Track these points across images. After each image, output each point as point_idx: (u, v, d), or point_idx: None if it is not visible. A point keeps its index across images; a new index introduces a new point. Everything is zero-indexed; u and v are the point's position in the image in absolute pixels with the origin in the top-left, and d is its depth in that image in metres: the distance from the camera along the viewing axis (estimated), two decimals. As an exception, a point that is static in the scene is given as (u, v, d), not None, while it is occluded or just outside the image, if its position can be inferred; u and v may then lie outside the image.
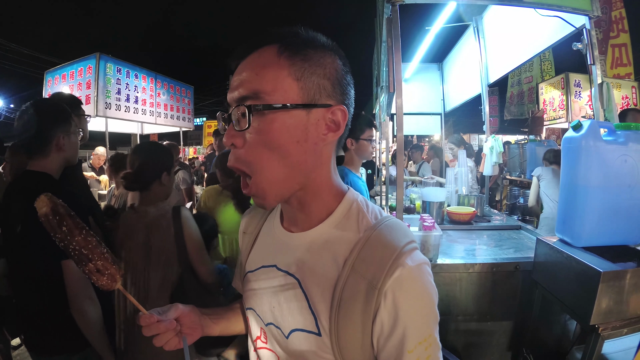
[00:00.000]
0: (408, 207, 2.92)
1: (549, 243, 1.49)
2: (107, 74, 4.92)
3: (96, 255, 0.63)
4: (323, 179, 0.59)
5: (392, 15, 1.72)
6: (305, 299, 0.57)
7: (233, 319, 0.79)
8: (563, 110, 5.63)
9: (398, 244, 0.54)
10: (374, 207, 0.62)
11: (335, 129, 0.55)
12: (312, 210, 0.59)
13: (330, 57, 0.55)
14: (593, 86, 1.74)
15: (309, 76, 0.53)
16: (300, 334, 0.57)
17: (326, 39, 0.57)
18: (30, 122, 1.24)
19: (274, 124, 0.51)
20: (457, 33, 3.82)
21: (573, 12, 1.74)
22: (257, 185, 0.54)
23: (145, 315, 0.63)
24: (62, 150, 1.30)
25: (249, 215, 0.76)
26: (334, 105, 0.55)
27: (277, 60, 0.52)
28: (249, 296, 0.68)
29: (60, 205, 0.61)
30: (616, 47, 5.26)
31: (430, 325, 0.52)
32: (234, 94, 0.54)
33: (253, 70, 0.52)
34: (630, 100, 5.10)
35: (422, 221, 1.70)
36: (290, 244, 0.61)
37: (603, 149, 1.34)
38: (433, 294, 0.53)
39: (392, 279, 0.51)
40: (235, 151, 0.54)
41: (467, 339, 1.67)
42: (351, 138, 1.91)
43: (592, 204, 1.36)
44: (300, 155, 0.53)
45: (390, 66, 1.76)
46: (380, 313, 0.51)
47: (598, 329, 1.22)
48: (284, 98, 0.51)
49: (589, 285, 1.22)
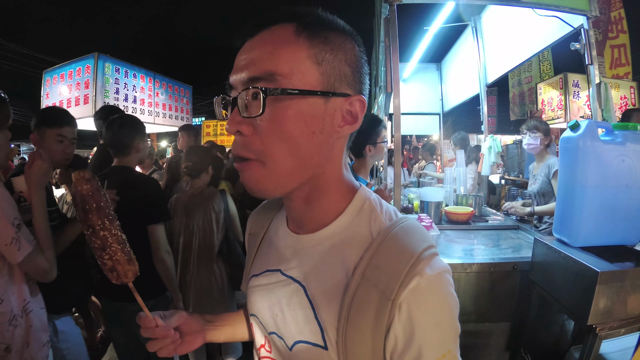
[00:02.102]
0: (406, 207, 2.92)
1: (546, 243, 1.49)
2: (106, 74, 4.92)
3: (110, 250, 0.62)
4: (332, 175, 0.53)
5: (389, 15, 1.72)
6: (311, 308, 0.51)
7: (238, 325, 0.76)
8: (561, 110, 5.63)
9: (415, 249, 0.47)
10: (388, 207, 0.56)
11: (352, 122, 0.50)
12: (319, 210, 0.54)
13: (350, 43, 0.50)
14: (591, 86, 1.74)
15: (330, 61, 0.47)
16: (305, 346, 0.51)
17: (345, 23, 0.51)
18: (118, 130, 1.68)
19: (289, 111, 0.46)
20: (456, 33, 3.83)
21: (571, 12, 1.74)
22: (260, 173, 0.48)
23: (147, 317, 0.62)
24: (138, 152, 1.75)
25: (255, 215, 0.71)
26: (352, 95, 0.49)
27: (296, 40, 0.46)
28: (252, 302, 0.63)
29: (94, 191, 0.61)
30: (615, 47, 5.27)
31: (450, 341, 0.46)
32: (241, 75, 0.47)
33: (266, 49, 0.46)
34: (629, 100, 5.10)
35: (420, 221, 1.70)
36: (295, 247, 0.56)
37: (600, 149, 1.34)
38: (454, 306, 0.47)
39: (407, 289, 0.45)
40: (242, 138, 0.48)
41: (465, 340, 1.65)
42: (369, 145, 1.82)
43: (589, 204, 1.36)
44: (313, 148, 0.48)
45: (387, 66, 1.75)
46: (394, 327, 0.45)
47: (596, 329, 1.22)
48: (303, 83, 0.46)
49: (586, 285, 1.22)
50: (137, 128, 1.76)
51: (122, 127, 1.70)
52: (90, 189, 0.60)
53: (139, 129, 1.77)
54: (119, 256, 0.63)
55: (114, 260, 0.63)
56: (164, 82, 6.33)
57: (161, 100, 6.24)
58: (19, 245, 1.09)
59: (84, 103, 4.80)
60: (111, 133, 1.70)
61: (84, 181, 0.60)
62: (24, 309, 1.16)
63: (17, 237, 1.09)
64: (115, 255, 0.63)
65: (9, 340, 1.09)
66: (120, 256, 0.63)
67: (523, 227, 2.31)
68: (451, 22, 3.34)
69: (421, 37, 3.54)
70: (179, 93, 6.83)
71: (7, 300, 1.11)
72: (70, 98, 4.93)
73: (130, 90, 5.40)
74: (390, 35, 1.68)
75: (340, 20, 0.51)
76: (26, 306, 1.17)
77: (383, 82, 2.66)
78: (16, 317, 1.13)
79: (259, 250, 0.66)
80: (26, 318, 1.16)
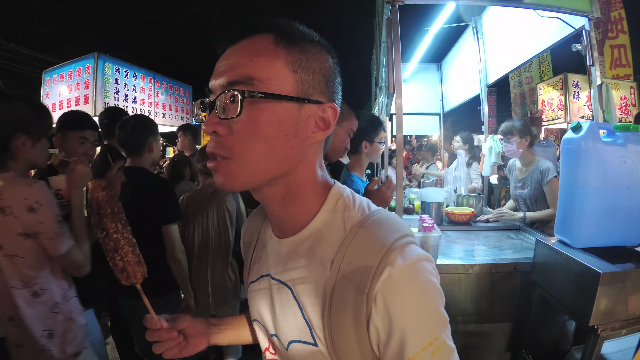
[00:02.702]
0: (407, 207, 2.92)
1: (548, 244, 1.49)
2: (106, 74, 4.91)
3: (122, 251, 0.67)
4: (306, 177, 0.55)
5: (391, 16, 1.72)
6: (298, 308, 0.54)
7: (241, 328, 0.78)
8: (561, 110, 5.62)
9: (386, 240, 0.48)
10: (361, 200, 0.58)
11: (324, 128, 0.53)
12: (296, 212, 0.56)
13: (325, 54, 0.53)
14: (592, 87, 1.74)
15: (305, 69, 0.50)
16: (298, 345, 0.54)
17: (320, 36, 0.55)
18: (132, 131, 1.71)
19: (265, 114, 0.48)
20: (456, 33, 3.82)
21: (572, 13, 1.74)
22: (231, 168, 0.49)
23: (153, 319, 0.64)
24: (152, 152, 1.79)
25: (247, 224, 0.74)
26: (325, 103, 0.52)
27: (274, 49, 0.49)
28: (253, 307, 0.65)
29: (109, 198, 0.67)
30: (615, 47, 5.25)
31: (434, 327, 0.46)
32: (220, 80, 0.49)
33: (246, 56, 0.49)
34: (629, 101, 5.10)
35: (422, 222, 1.70)
36: (280, 250, 0.58)
37: (602, 150, 1.35)
38: (433, 292, 0.47)
39: (380, 281, 0.46)
40: (218, 138, 0.50)
41: (466, 340, 1.67)
42: (366, 141, 1.84)
43: (591, 205, 1.36)
44: (286, 151, 0.50)
45: (390, 67, 1.75)
46: (372, 320, 0.47)
47: (597, 329, 1.22)
48: (279, 88, 0.48)
49: (588, 287, 1.22)
50: (151, 128, 1.79)
51: (135, 127, 1.72)
52: (105, 196, 0.66)
53: (152, 129, 1.80)
54: (130, 258, 0.68)
55: (125, 261, 0.67)
56: (164, 82, 6.32)
57: (161, 100, 6.23)
58: (62, 240, 1.20)
59: (84, 103, 4.79)
60: (125, 133, 1.72)
61: (100, 188, 0.66)
62: (64, 297, 1.27)
63: (60, 232, 1.19)
64: (126, 256, 0.67)
65: (52, 326, 1.20)
66: (130, 258, 0.68)
67: (524, 227, 2.31)
68: (452, 23, 3.33)
69: (422, 38, 3.55)
70: (179, 93, 6.82)
71: (49, 290, 1.22)
72: (70, 98, 4.92)
73: (130, 90, 5.39)
74: (393, 36, 1.68)
75: (315, 33, 0.54)
76: (66, 294, 1.29)
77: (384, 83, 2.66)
78: (57, 304, 1.24)
79: (253, 258, 0.68)
80: (66, 305, 1.27)
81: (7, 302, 1.15)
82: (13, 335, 1.17)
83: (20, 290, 1.15)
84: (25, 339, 1.17)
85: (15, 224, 1.13)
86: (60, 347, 1.22)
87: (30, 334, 1.16)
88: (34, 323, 1.17)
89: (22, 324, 1.15)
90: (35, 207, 1.14)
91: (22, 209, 1.12)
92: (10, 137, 1.20)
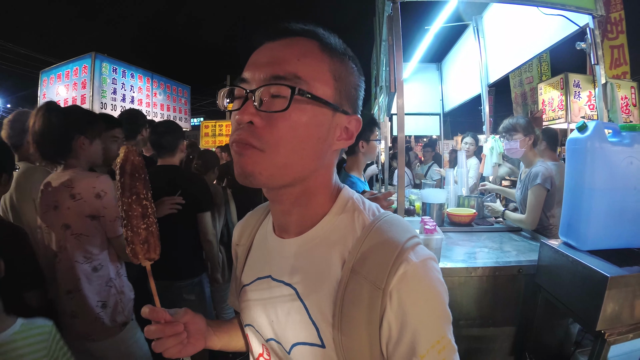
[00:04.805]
0: (407, 208, 2.89)
1: (553, 246, 1.46)
2: (103, 74, 4.87)
3: (148, 220, 0.65)
4: (322, 181, 0.56)
5: (393, 13, 1.69)
6: (304, 309, 0.53)
7: (234, 333, 0.75)
8: (562, 110, 5.61)
9: (400, 239, 0.50)
10: (370, 204, 0.59)
11: (347, 138, 0.55)
12: (306, 213, 0.56)
13: (356, 71, 0.56)
14: (597, 86, 1.72)
15: (342, 81, 0.53)
16: (303, 347, 0.53)
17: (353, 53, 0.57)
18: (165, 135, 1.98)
19: (307, 114, 0.49)
20: (457, 33, 3.81)
21: (577, 10, 1.71)
22: (261, 160, 0.48)
23: (157, 309, 0.60)
24: (182, 152, 2.09)
25: (241, 226, 0.72)
26: (351, 115, 0.55)
27: (320, 54, 0.51)
28: (246, 312, 0.63)
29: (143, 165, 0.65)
30: (615, 48, 5.27)
31: (442, 326, 0.48)
32: (262, 72, 0.49)
33: (293, 54, 0.50)
34: (630, 101, 5.09)
35: (424, 224, 1.67)
36: (283, 251, 0.58)
37: (608, 150, 1.31)
38: (442, 291, 0.49)
39: (396, 277, 0.47)
40: (252, 128, 0.49)
41: (469, 345, 1.64)
42: (363, 140, 1.83)
43: (597, 206, 1.33)
44: (314, 153, 0.51)
45: (391, 65, 1.72)
46: (386, 316, 0.47)
47: (604, 334, 1.19)
48: (322, 92, 0.50)
49: (595, 291, 1.19)
50: (180, 132, 2.10)
51: (170, 131, 2.01)
52: (141, 162, 0.65)
53: (181, 133, 2.12)
54: (154, 229, 0.65)
55: (149, 231, 0.65)
56: (162, 82, 6.29)
57: (159, 100, 6.20)
58: (120, 223, 1.33)
59: (81, 103, 4.75)
60: (157, 137, 1.99)
61: (136, 153, 0.65)
62: (117, 274, 1.47)
63: (119, 217, 1.36)
64: (152, 226, 0.65)
65: (105, 298, 1.40)
66: (154, 229, 0.65)
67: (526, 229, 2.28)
68: (452, 22, 3.32)
69: (422, 37, 3.53)
70: (177, 93, 6.78)
71: (106, 266, 1.42)
72: (67, 98, 4.88)
73: (128, 91, 5.36)
74: (394, 33, 1.65)
75: (350, 50, 0.56)
76: (119, 271, 1.48)
77: (384, 82, 2.63)
78: (111, 279, 1.43)
79: (247, 261, 0.67)
80: (119, 280, 1.46)
81: (70, 276, 1.35)
82: (69, 307, 1.35)
83: (82, 265, 1.36)
84: (80, 310, 1.35)
85: (84, 207, 1.34)
86: (111, 317, 1.40)
87: (87, 303, 1.35)
88: (91, 294, 1.36)
89: (79, 295, 1.34)
90: (102, 195, 1.36)
91: (91, 196, 1.35)
92: (71, 139, 1.42)
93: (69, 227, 1.35)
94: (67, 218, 1.35)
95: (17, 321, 0.94)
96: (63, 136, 1.40)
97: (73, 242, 1.35)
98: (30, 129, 1.40)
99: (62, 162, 1.44)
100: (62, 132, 1.40)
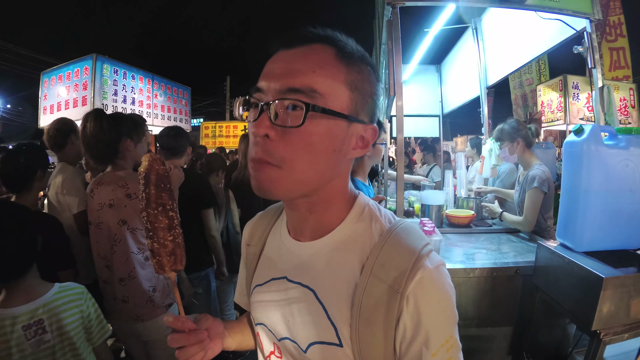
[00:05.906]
0: (407, 210, 2.90)
1: (550, 248, 1.48)
2: (104, 75, 4.89)
3: (175, 231, 0.62)
4: (338, 189, 0.57)
5: (392, 18, 1.71)
6: (323, 310, 0.54)
7: (246, 333, 0.76)
8: (561, 112, 5.63)
9: (417, 246, 0.53)
10: (386, 211, 0.61)
11: (363, 147, 0.55)
12: (323, 219, 0.58)
13: (374, 78, 0.55)
14: (594, 89, 1.73)
15: (359, 91, 0.52)
16: (320, 346, 0.54)
17: (370, 58, 0.56)
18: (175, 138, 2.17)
19: (321, 127, 0.49)
20: (456, 35, 3.82)
21: (574, 15, 1.73)
22: (277, 176, 0.49)
23: (181, 317, 0.59)
24: (188, 155, 2.30)
25: (252, 226, 0.72)
26: (368, 124, 0.54)
27: (337, 64, 0.50)
28: (259, 311, 0.64)
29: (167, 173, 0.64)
30: (614, 50, 5.28)
31: (451, 326, 0.51)
32: (277, 83, 0.49)
33: (309, 65, 0.49)
34: (628, 102, 5.11)
35: (422, 225, 1.69)
36: (301, 253, 0.59)
37: (605, 153, 1.34)
38: (452, 294, 0.52)
39: (414, 282, 0.50)
40: (266, 142, 0.49)
41: (467, 345, 1.63)
42: None
43: (593, 208, 1.35)
44: (328, 164, 0.52)
45: (390, 68, 1.74)
46: (402, 318, 0.50)
47: (600, 334, 1.21)
48: (337, 105, 0.50)
49: (591, 291, 1.21)
50: (188, 137, 2.28)
51: (180, 135, 2.21)
52: (165, 171, 0.64)
53: (189, 137, 2.30)
54: (180, 240, 0.63)
55: (176, 242, 0.62)
56: (163, 84, 6.31)
57: (160, 101, 6.22)
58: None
59: (82, 105, 4.77)
60: (167, 140, 2.17)
61: (160, 162, 0.63)
62: None
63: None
64: (178, 237, 0.63)
65: (155, 283, 1.56)
66: (180, 240, 0.63)
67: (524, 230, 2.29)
68: (451, 24, 3.33)
69: (421, 39, 3.54)
70: (178, 94, 6.81)
71: None
72: (68, 100, 4.90)
73: (129, 92, 5.38)
74: (393, 37, 1.67)
75: (368, 55, 0.55)
76: None
77: (384, 85, 2.65)
78: None
79: (260, 261, 0.67)
80: None
81: (126, 265, 1.50)
82: (120, 293, 1.51)
83: (136, 255, 1.52)
84: (131, 295, 1.51)
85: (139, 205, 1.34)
86: (160, 299, 1.56)
87: (140, 288, 1.51)
88: (144, 281, 1.52)
89: (132, 282, 1.50)
90: None
91: None
92: (118, 142, 1.56)
93: (126, 223, 1.50)
94: (124, 215, 1.50)
95: (55, 285, 1.15)
96: (113, 139, 1.54)
97: (129, 236, 1.51)
98: (80, 133, 1.55)
99: (111, 163, 1.58)
100: (112, 136, 1.54)
